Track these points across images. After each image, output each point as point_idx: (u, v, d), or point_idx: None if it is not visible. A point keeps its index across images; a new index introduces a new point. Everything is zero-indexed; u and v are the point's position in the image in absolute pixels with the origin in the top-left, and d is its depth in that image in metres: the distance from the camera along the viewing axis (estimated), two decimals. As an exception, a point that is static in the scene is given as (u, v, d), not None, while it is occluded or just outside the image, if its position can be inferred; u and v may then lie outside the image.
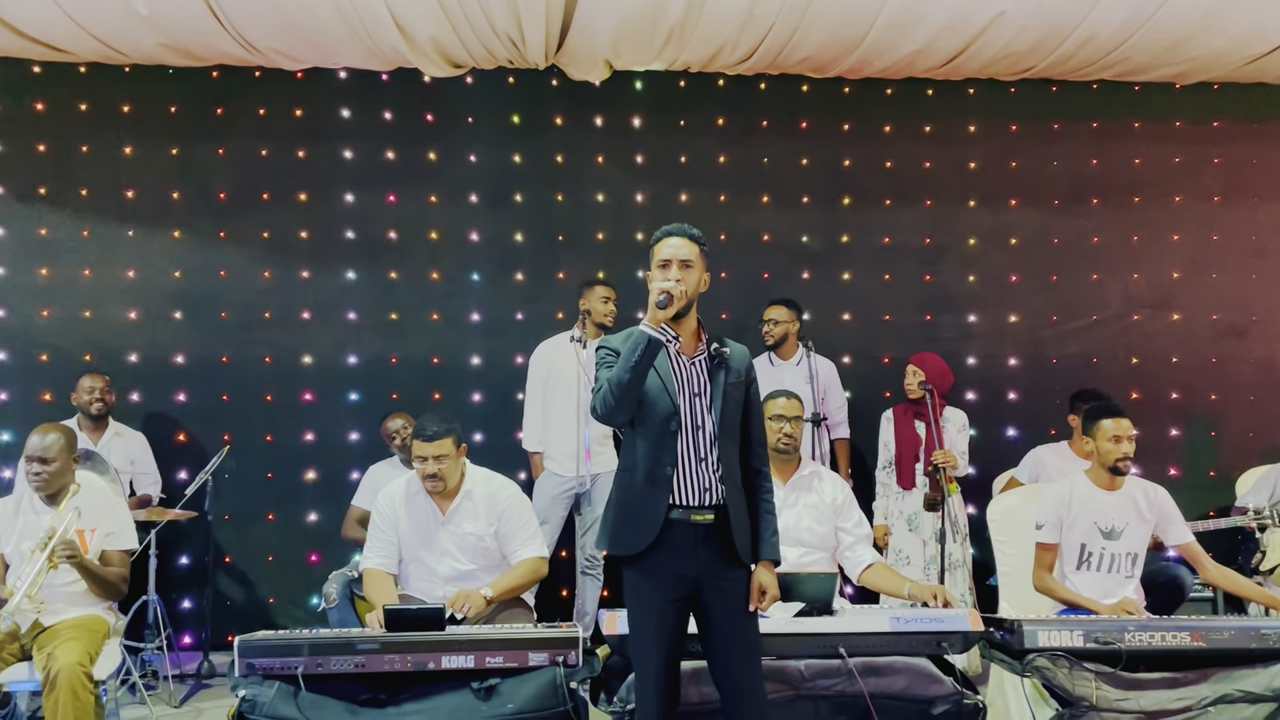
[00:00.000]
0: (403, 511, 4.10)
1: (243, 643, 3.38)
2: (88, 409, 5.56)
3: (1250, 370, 6.66)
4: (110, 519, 4.17)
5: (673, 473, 3.08)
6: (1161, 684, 3.52)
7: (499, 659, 3.39)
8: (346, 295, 6.43)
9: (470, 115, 6.52)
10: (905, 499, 5.52)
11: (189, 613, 6.14)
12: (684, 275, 3.11)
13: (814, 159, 6.70)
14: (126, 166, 6.33)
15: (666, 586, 3.08)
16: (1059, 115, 6.71)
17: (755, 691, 3.13)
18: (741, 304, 6.29)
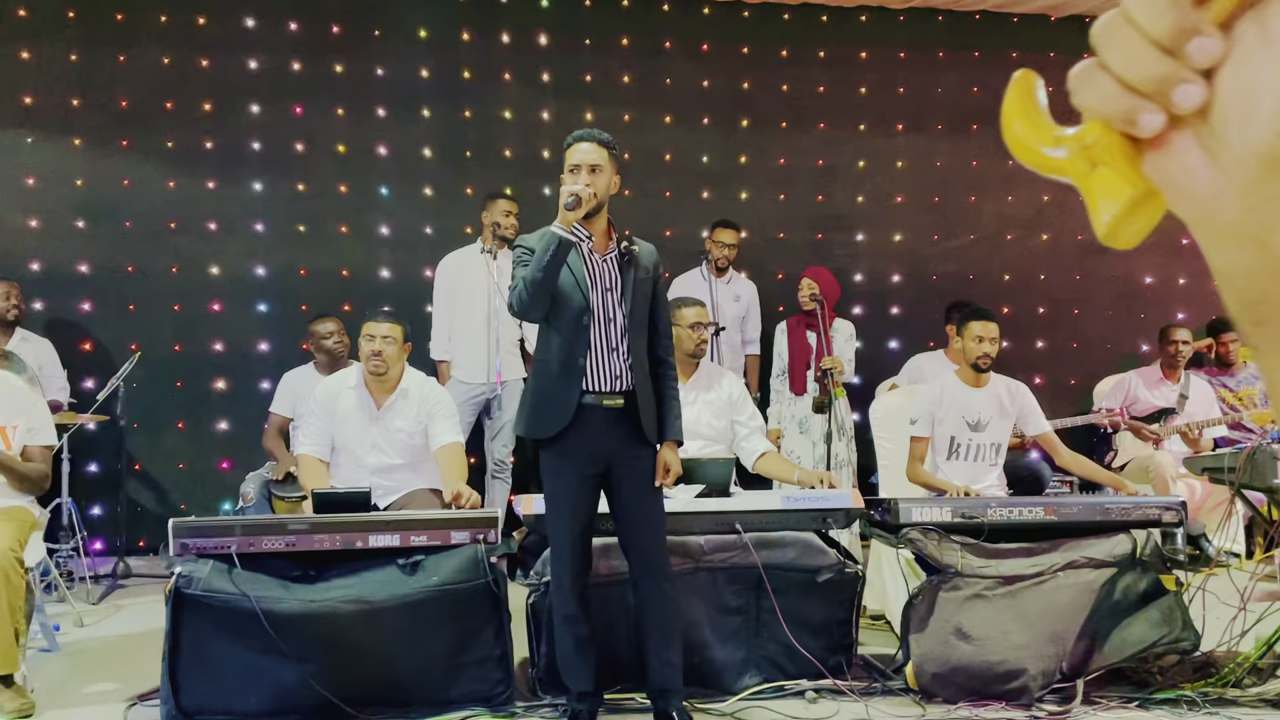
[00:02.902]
0: (341, 402, 4.27)
1: (177, 524, 3.53)
2: (3, 315, 5.52)
3: (1110, 287, 7.22)
4: (30, 415, 4.23)
5: (585, 362, 3.35)
6: (1018, 553, 3.94)
7: (423, 538, 3.64)
8: (253, 206, 6.46)
9: (377, 28, 6.56)
10: (796, 404, 5.91)
11: (99, 519, 6.19)
12: (593, 179, 3.34)
13: (714, 81, 6.94)
14: (25, 72, 6.20)
15: (580, 464, 3.37)
16: (944, 44, 7.07)
17: (660, 560, 3.46)
18: (645, 221, 6.51)
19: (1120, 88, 0.46)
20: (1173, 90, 0.44)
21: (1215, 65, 0.44)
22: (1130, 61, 0.45)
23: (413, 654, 3.55)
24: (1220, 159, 0.45)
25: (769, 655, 3.86)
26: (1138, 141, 0.47)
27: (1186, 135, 0.46)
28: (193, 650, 3.43)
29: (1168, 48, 0.44)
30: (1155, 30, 0.44)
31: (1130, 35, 0.45)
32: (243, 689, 3.44)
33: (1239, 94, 0.44)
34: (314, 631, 3.43)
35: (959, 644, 3.74)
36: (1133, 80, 0.45)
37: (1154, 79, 0.45)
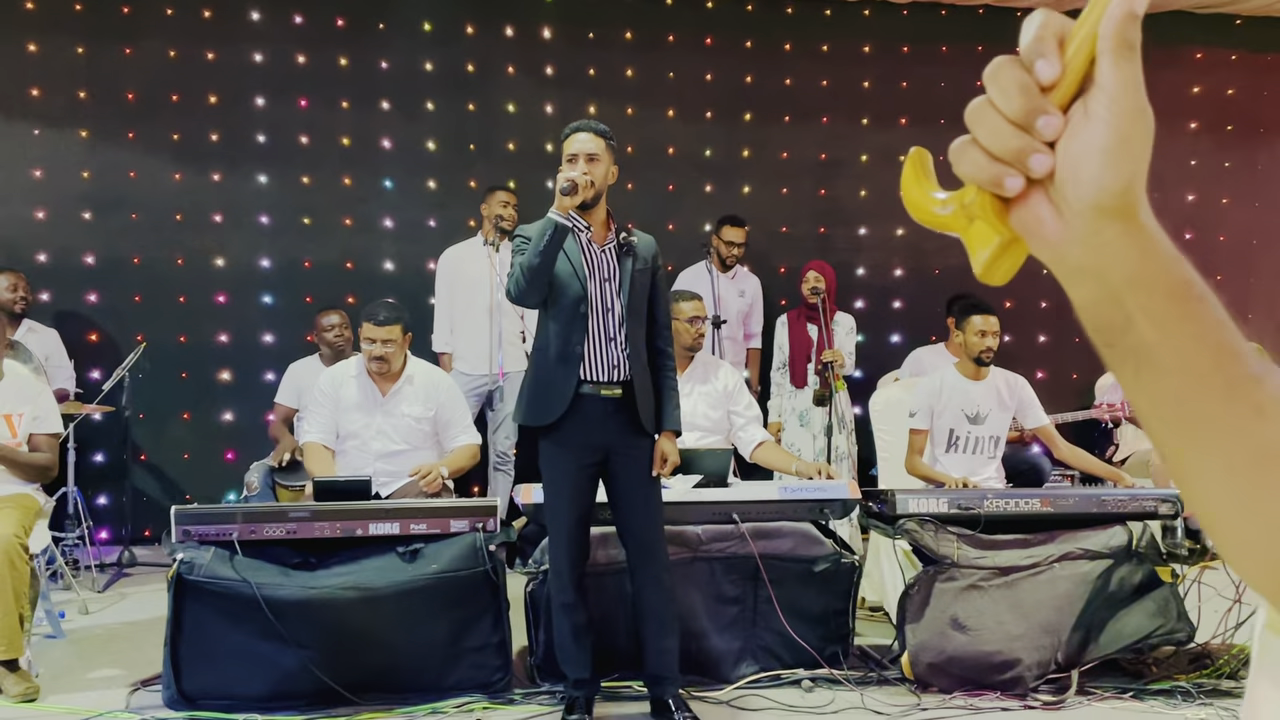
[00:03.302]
0: (345, 390, 4.32)
1: (179, 511, 3.58)
2: (10, 307, 5.56)
3: (1112, 282, 7.22)
4: (36, 404, 4.28)
5: (582, 351, 3.38)
6: (1014, 544, 3.97)
7: (422, 526, 3.68)
8: (258, 199, 6.50)
9: (381, 21, 6.59)
10: (797, 397, 5.92)
11: (105, 508, 6.24)
12: (590, 168, 3.37)
13: (717, 75, 6.96)
14: (32, 64, 6.25)
15: (578, 453, 3.40)
16: (947, 38, 7.07)
17: (658, 549, 3.49)
18: (648, 214, 6.55)
19: (988, 158, 0.57)
20: (1028, 159, 0.56)
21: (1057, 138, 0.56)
22: (994, 137, 0.56)
23: (412, 641, 3.59)
24: (1063, 212, 0.56)
25: (766, 644, 3.89)
26: (1005, 200, 0.59)
27: (1039, 193, 0.57)
28: (194, 636, 3.48)
29: (1022, 125, 0.56)
30: (1012, 111, 0.56)
31: (994, 116, 0.56)
32: (243, 674, 3.48)
33: (1070, 161, 0.55)
34: (314, 618, 3.47)
35: (955, 634, 3.77)
36: (997, 151, 0.57)
37: (1013, 150, 0.56)
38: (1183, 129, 7.32)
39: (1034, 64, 0.56)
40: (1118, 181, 0.54)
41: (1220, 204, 7.42)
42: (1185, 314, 0.55)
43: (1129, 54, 0.54)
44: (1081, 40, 0.55)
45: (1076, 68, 0.55)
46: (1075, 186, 0.55)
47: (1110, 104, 0.54)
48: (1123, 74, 0.54)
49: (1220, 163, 7.39)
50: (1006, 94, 0.56)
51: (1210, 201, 7.40)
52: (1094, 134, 0.54)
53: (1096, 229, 0.55)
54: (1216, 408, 0.55)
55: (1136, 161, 0.54)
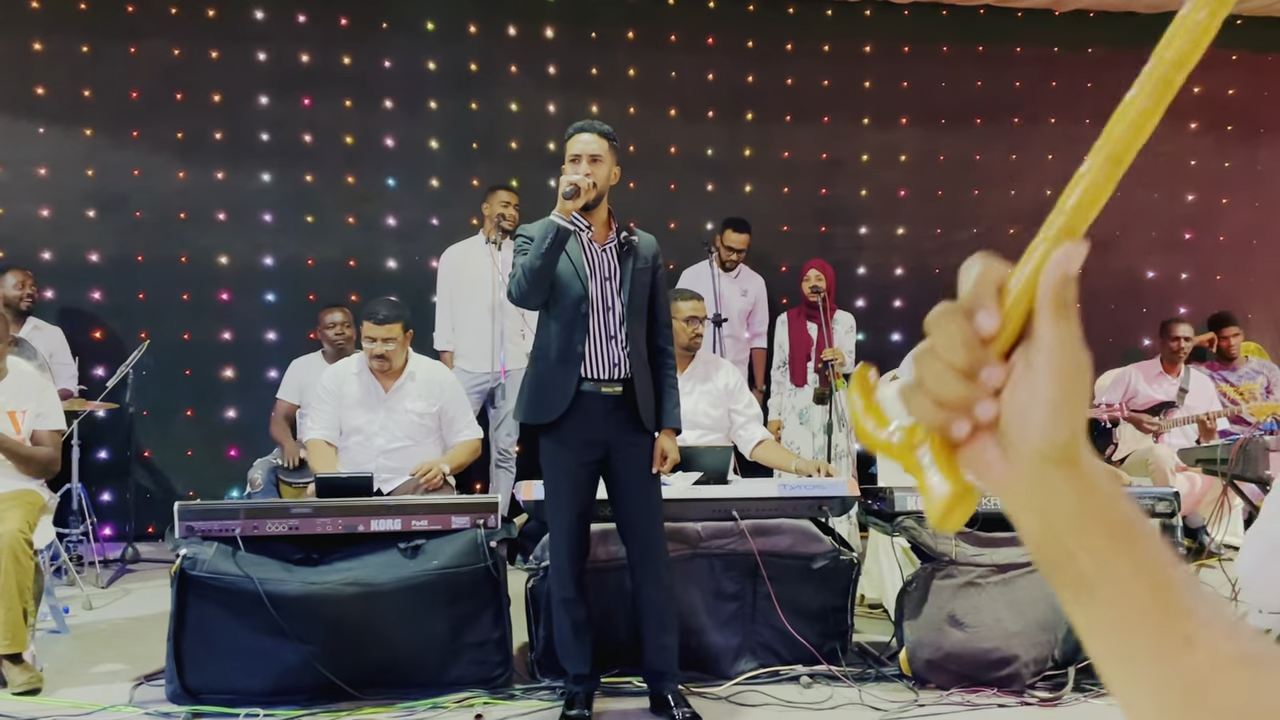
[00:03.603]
0: (348, 387, 4.35)
1: (182, 507, 3.61)
2: (17, 304, 5.60)
3: (1112, 280, 7.23)
4: (40, 400, 4.30)
5: (583, 349, 3.40)
6: (1012, 541, 3.96)
7: (424, 522, 3.70)
8: (262, 197, 6.53)
9: (384, 21, 6.62)
10: (797, 395, 5.95)
11: (108, 505, 6.28)
12: (594, 169, 3.40)
13: (719, 75, 6.98)
14: (36, 62, 6.28)
15: (579, 450, 3.43)
16: (947, 39, 7.09)
17: (657, 546, 3.51)
18: (650, 213, 6.56)
19: (935, 404, 0.58)
20: (974, 408, 0.58)
21: (1001, 386, 0.58)
22: (940, 385, 0.58)
23: (413, 636, 3.61)
24: (1009, 455, 0.58)
25: (764, 641, 3.91)
26: (953, 442, 0.60)
27: (987, 436, 0.59)
28: (197, 630, 3.50)
29: (967, 376, 0.57)
30: (957, 364, 0.57)
31: (939, 365, 0.58)
32: (246, 669, 3.51)
33: (1014, 411, 0.57)
34: (316, 613, 3.49)
35: (952, 631, 3.78)
36: (943, 399, 0.58)
37: (959, 399, 0.58)
38: (1183, 129, 7.33)
39: (974, 314, 0.57)
40: (1062, 433, 0.56)
41: (1220, 204, 7.43)
42: (1123, 551, 0.57)
43: (1066, 313, 0.56)
44: (1020, 292, 0.57)
45: (1016, 317, 0.57)
46: (1021, 435, 0.57)
47: (1050, 360, 0.56)
48: (1060, 332, 0.56)
49: (1220, 163, 7.41)
50: (950, 346, 0.57)
51: (1210, 201, 7.41)
52: (1038, 387, 0.56)
53: (1041, 474, 0.57)
54: (1150, 639, 0.56)
55: (1077, 413, 0.56)
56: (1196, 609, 0.56)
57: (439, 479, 4.10)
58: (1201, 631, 0.56)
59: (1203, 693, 0.55)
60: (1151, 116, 0.56)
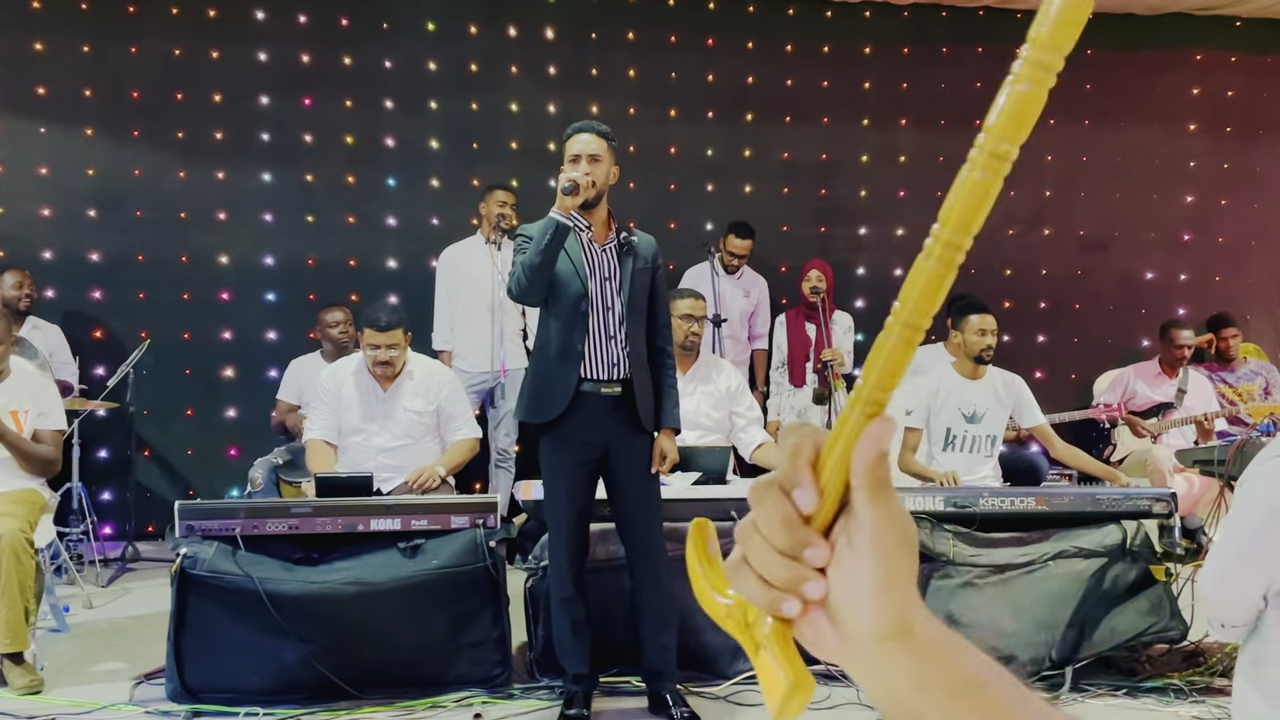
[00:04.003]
0: (346, 387, 4.36)
1: (183, 506, 3.62)
2: (16, 304, 5.60)
3: (1111, 281, 7.25)
4: (41, 400, 4.31)
5: (583, 349, 3.42)
6: (1010, 542, 3.99)
7: (423, 522, 3.71)
8: (262, 197, 6.54)
9: (385, 21, 6.63)
10: (796, 395, 5.96)
11: (109, 504, 6.29)
12: (593, 169, 3.41)
13: (719, 76, 6.99)
14: (37, 62, 6.29)
15: (578, 450, 3.44)
16: (947, 40, 7.10)
17: (656, 546, 3.52)
18: (649, 214, 6.57)
19: (763, 584, 0.57)
20: (800, 588, 0.57)
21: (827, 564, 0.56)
22: (766, 566, 0.57)
23: (412, 636, 3.63)
24: (840, 629, 0.57)
25: (763, 640, 3.91)
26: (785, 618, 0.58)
27: (818, 611, 0.57)
28: (197, 630, 3.51)
29: (791, 556, 0.56)
30: (779, 544, 0.56)
31: (763, 545, 0.57)
32: (245, 668, 3.52)
33: (842, 594, 0.56)
34: (316, 612, 3.50)
35: (950, 631, 3.79)
36: (770, 579, 0.57)
37: (785, 579, 0.57)
38: (1182, 130, 7.35)
39: (792, 492, 0.56)
40: (891, 614, 0.55)
41: (1219, 205, 7.44)
42: (968, 706, 0.56)
43: (883, 490, 0.55)
44: (835, 463, 0.56)
45: (834, 489, 0.56)
46: (850, 619, 0.56)
47: (871, 540, 0.55)
48: (878, 511, 0.55)
49: (1219, 164, 7.42)
50: (773, 526, 0.56)
51: (1209, 202, 7.42)
52: (862, 572, 0.55)
53: (877, 650, 0.56)
54: None
55: (907, 586, 0.56)
56: None
57: (434, 484, 4.12)
58: None
59: None
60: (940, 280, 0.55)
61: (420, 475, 4.12)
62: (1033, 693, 0.58)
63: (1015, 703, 0.57)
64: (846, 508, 0.56)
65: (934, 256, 0.55)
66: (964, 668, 0.57)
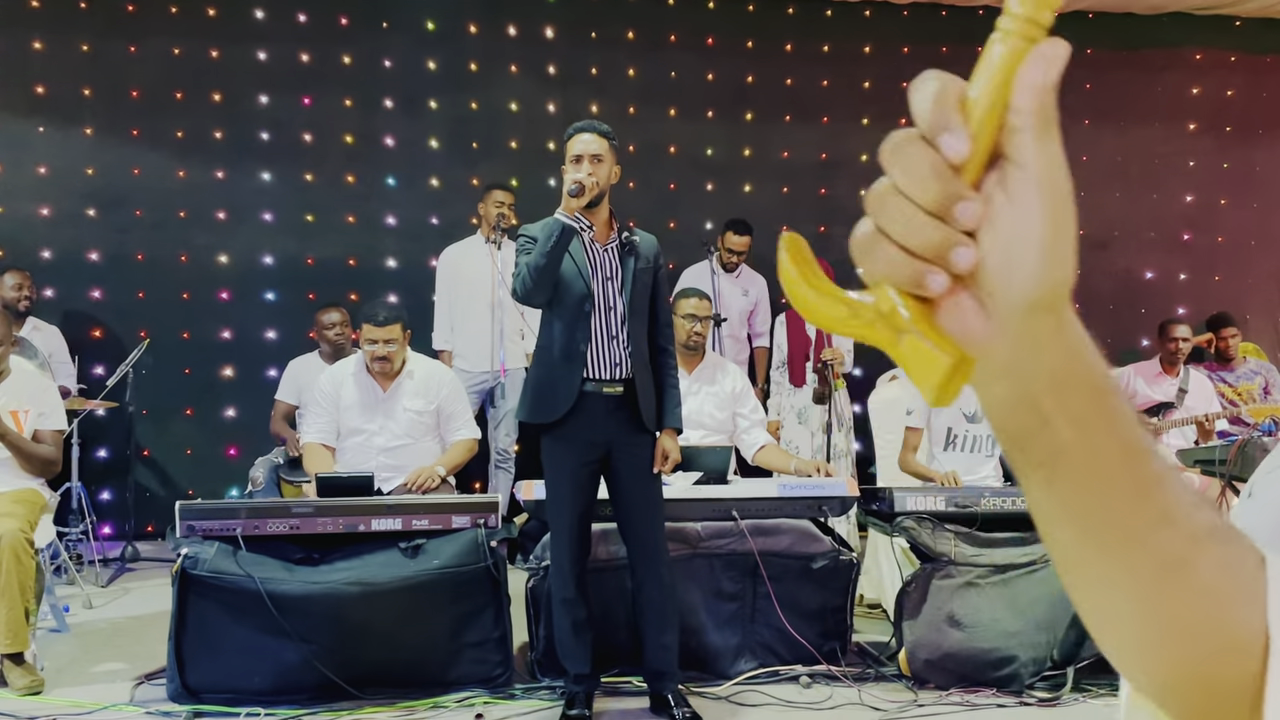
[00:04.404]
0: (345, 388, 4.35)
1: (184, 506, 3.61)
2: (15, 305, 5.59)
3: (1110, 281, 7.24)
4: (41, 400, 4.30)
5: (586, 349, 3.41)
6: (1011, 542, 3.99)
7: (424, 521, 3.71)
8: (261, 196, 6.53)
9: (384, 20, 6.62)
10: (795, 395, 5.95)
11: (108, 504, 6.28)
12: (595, 169, 3.40)
13: (719, 75, 6.99)
14: (36, 61, 6.28)
15: (580, 450, 3.43)
16: (947, 39, 7.09)
17: (658, 546, 3.52)
18: (649, 213, 6.57)
19: (904, 254, 0.49)
20: (950, 253, 0.49)
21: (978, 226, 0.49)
22: (909, 230, 0.49)
23: (413, 636, 3.62)
24: (989, 308, 0.50)
25: (764, 641, 3.92)
26: (925, 300, 0.51)
27: (961, 289, 0.50)
28: (198, 630, 3.51)
29: (939, 214, 0.49)
30: (926, 199, 0.48)
31: (905, 205, 0.49)
32: (247, 668, 3.52)
33: (998, 252, 0.49)
34: (317, 613, 3.50)
35: (951, 631, 3.80)
36: (914, 246, 0.49)
37: (933, 244, 0.49)
38: (1182, 129, 7.35)
39: (939, 139, 0.48)
40: (1056, 274, 0.49)
41: (1219, 205, 7.44)
42: (1102, 410, 0.51)
43: (1051, 129, 0.49)
44: (987, 107, 0.49)
45: (983, 139, 0.49)
46: (1008, 281, 0.49)
47: (1039, 189, 0.48)
48: (1048, 153, 0.49)
49: (1219, 163, 7.42)
50: (918, 178, 0.48)
51: (1209, 202, 7.42)
52: (1026, 224, 0.48)
53: (1028, 326, 0.50)
54: (1126, 515, 0.52)
55: (1070, 249, 0.49)
56: (1167, 480, 0.52)
57: (434, 484, 4.11)
58: (1175, 506, 0.52)
59: (1181, 571, 0.52)
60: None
61: (419, 476, 4.12)
62: None
63: (1139, 424, 0.52)
64: (998, 163, 0.49)
65: None
66: (1103, 365, 0.52)
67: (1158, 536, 0.52)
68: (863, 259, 0.51)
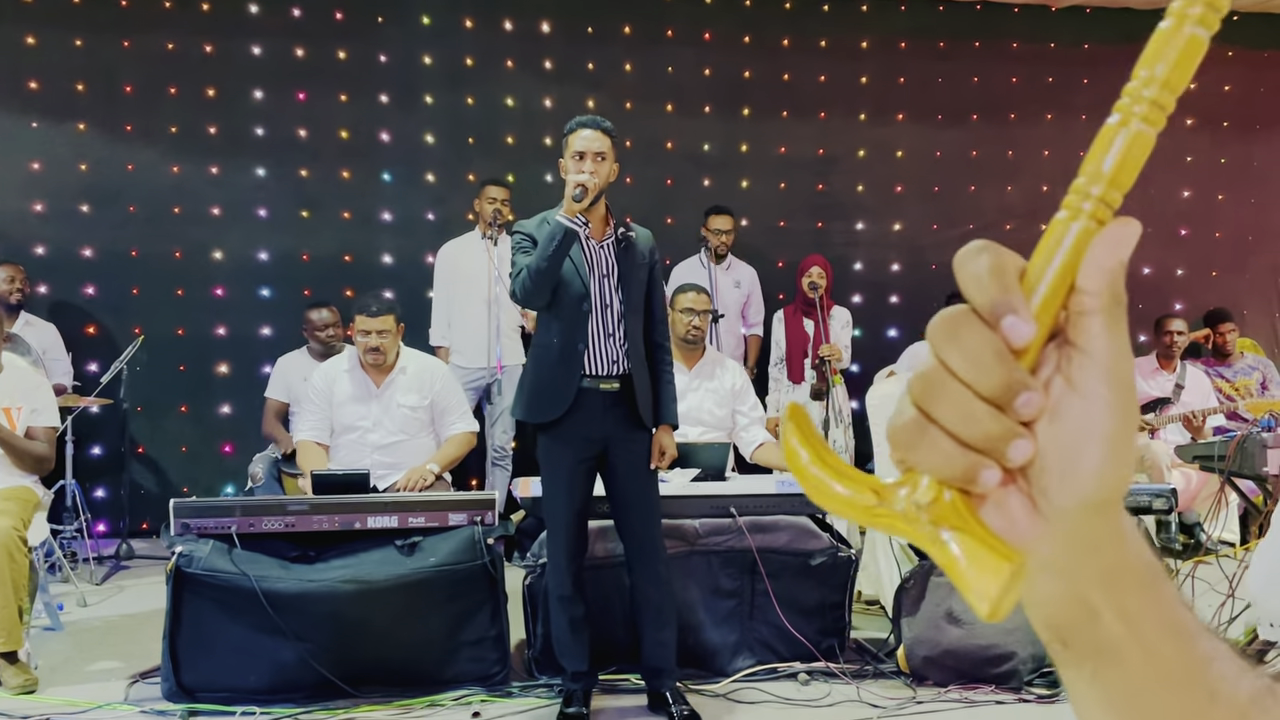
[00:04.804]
0: (339, 385, 4.33)
1: (178, 504, 3.59)
2: (7, 299, 5.56)
3: (1107, 276, 7.22)
4: (34, 397, 4.27)
5: (584, 349, 3.39)
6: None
7: (421, 519, 3.69)
8: (256, 192, 6.50)
9: (379, 15, 6.59)
10: (794, 392, 5.94)
11: (102, 501, 6.25)
12: (597, 167, 3.36)
13: (716, 70, 6.96)
14: (29, 56, 6.24)
15: (577, 447, 3.41)
16: (944, 35, 7.08)
17: (655, 542, 3.50)
18: (646, 209, 6.54)
19: (958, 446, 0.45)
20: (1007, 447, 0.44)
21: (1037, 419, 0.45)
22: (966, 421, 0.44)
23: (410, 634, 3.60)
24: (1040, 505, 0.46)
25: (762, 638, 3.91)
26: (969, 495, 0.46)
27: (1010, 485, 0.46)
28: (193, 628, 3.48)
29: (999, 404, 0.44)
30: (987, 387, 0.44)
31: (961, 393, 0.44)
32: (242, 667, 3.50)
33: (1059, 448, 0.45)
34: (312, 611, 3.48)
35: (950, 628, 3.78)
36: (968, 437, 0.44)
37: (991, 437, 0.44)
38: (1179, 125, 7.32)
39: (1002, 321, 0.44)
40: (1121, 472, 0.45)
41: (1216, 200, 7.43)
42: (1151, 602, 0.48)
43: (1121, 316, 0.45)
44: (1052, 287, 0.45)
45: (1045, 321, 0.45)
46: (1066, 479, 0.45)
47: (1109, 380, 0.44)
48: (1118, 341, 0.45)
49: (1216, 159, 7.41)
50: (979, 363, 0.44)
51: (1206, 197, 7.41)
52: (1092, 417, 0.44)
53: (1084, 526, 0.46)
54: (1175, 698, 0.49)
55: (1133, 448, 0.46)
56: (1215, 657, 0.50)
57: (428, 483, 4.09)
58: (1221, 682, 0.49)
59: None
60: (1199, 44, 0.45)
61: (410, 480, 4.10)
62: None
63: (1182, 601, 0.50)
64: (1058, 341, 0.45)
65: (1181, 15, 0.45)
66: (1148, 558, 0.49)
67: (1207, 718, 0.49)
68: (908, 449, 0.46)
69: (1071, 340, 0.45)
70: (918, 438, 0.45)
